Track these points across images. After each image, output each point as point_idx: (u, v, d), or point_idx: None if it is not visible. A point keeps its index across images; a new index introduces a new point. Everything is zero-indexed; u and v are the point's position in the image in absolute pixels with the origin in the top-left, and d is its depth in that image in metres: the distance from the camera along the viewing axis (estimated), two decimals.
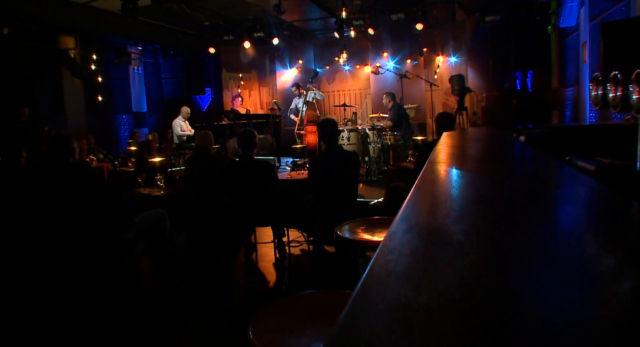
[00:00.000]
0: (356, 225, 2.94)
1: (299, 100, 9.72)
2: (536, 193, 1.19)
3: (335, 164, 4.55)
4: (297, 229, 5.81)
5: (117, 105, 13.02)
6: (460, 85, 7.55)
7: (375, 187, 7.30)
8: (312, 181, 4.66)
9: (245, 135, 4.63)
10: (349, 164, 4.60)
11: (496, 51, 11.96)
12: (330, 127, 4.61)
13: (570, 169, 1.57)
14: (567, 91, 9.66)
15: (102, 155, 10.57)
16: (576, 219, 0.91)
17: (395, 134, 7.56)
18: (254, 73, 13.30)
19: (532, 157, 2.10)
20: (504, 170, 1.71)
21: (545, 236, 0.79)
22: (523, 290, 0.55)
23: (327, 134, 4.62)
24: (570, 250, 0.70)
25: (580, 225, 0.87)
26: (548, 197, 1.14)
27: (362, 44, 12.65)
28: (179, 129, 9.93)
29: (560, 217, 0.95)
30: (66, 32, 11.30)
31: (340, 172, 4.56)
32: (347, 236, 2.70)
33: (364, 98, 12.36)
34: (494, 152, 2.43)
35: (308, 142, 9.05)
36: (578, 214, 0.96)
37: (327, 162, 4.56)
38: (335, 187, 4.60)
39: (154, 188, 5.02)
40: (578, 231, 0.82)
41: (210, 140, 5.54)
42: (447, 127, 4.60)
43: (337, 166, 4.55)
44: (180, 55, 13.69)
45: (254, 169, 4.59)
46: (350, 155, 4.70)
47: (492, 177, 1.48)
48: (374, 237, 2.68)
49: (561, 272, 0.60)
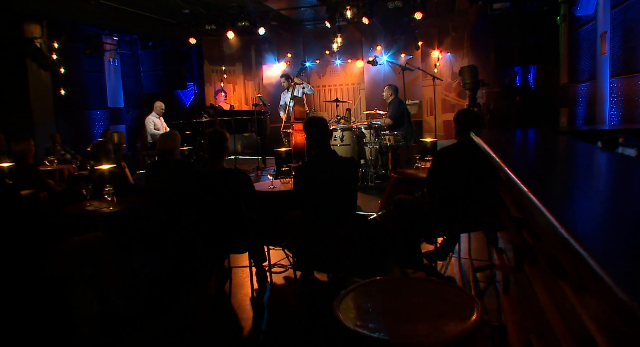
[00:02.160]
0: (364, 297, 1.91)
1: (287, 94, 8.65)
2: None
3: (326, 173, 3.50)
4: (281, 248, 4.77)
5: (91, 100, 11.86)
6: (473, 78, 6.54)
7: (373, 195, 6.27)
8: (298, 195, 3.60)
9: (213, 138, 3.55)
10: (345, 174, 3.55)
11: (498, 44, 10.97)
12: (319, 127, 3.55)
13: None
14: (580, 87, 8.69)
15: (69, 156, 9.43)
16: None
17: (395, 133, 6.52)
18: (238, 66, 12.16)
19: None
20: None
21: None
22: None
23: (315, 136, 3.56)
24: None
25: None
26: None
27: (355, 37, 11.58)
28: (152, 127, 8.81)
29: None
30: (31, 20, 10.10)
31: (333, 184, 3.51)
32: (357, 330, 1.66)
33: (357, 93, 11.30)
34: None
35: (295, 142, 7.99)
36: None
37: (317, 172, 3.51)
38: (327, 202, 3.55)
39: (102, 203, 3.95)
40: None
41: (174, 142, 4.47)
42: (473, 128, 3.58)
43: (329, 177, 3.50)
44: (159, 46, 12.53)
45: (224, 180, 3.52)
46: (346, 162, 3.63)
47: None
48: (401, 327, 1.65)
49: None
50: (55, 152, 9.07)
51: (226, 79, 11.91)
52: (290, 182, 4.52)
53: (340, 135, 6.76)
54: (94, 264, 3.41)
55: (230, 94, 12.00)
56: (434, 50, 10.80)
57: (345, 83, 11.59)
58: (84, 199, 4.02)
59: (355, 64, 11.64)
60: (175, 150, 4.54)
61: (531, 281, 1.95)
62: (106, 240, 3.44)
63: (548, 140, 2.77)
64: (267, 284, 4.05)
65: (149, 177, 4.47)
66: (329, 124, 8.62)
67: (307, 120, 3.60)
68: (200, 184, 3.50)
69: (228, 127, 8.49)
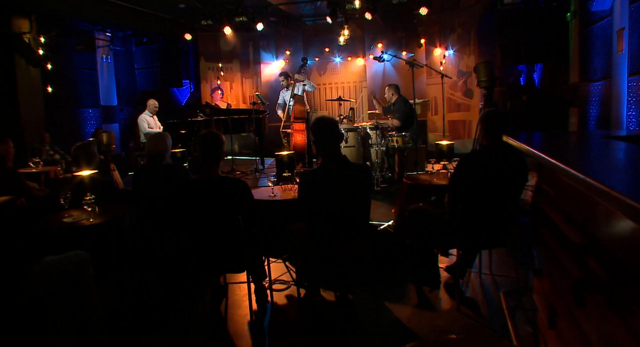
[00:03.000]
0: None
1: (287, 93, 8.17)
2: None
3: (336, 182, 3.04)
4: (282, 260, 4.32)
5: (83, 98, 11.36)
6: (489, 76, 6.07)
7: (380, 201, 5.82)
8: (303, 205, 3.14)
9: (208, 142, 3.07)
10: (358, 184, 3.08)
11: (504, 41, 10.53)
12: (328, 129, 3.08)
13: None
14: (593, 86, 8.25)
15: (58, 156, 8.95)
16: None
17: (403, 134, 6.05)
18: (235, 63, 11.66)
19: None
20: None
21: None
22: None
23: (324, 139, 3.10)
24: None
25: None
26: None
27: (355, 34, 11.10)
28: (146, 126, 8.33)
29: None
30: (20, 14, 9.58)
31: (344, 195, 3.05)
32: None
33: (359, 92, 10.82)
34: None
35: (295, 142, 7.53)
36: None
37: (326, 180, 3.05)
38: (337, 216, 3.09)
39: (82, 213, 3.47)
40: None
41: (164, 144, 4.00)
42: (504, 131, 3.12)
43: (339, 186, 3.04)
44: (154, 42, 12.04)
45: (220, 190, 3.04)
46: (359, 170, 3.15)
47: None
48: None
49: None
50: (43, 153, 8.59)
51: (223, 76, 11.41)
52: (293, 190, 4.06)
53: (345, 136, 6.30)
54: (73, 287, 2.94)
55: (227, 92, 11.51)
56: (436, 48, 10.34)
57: (346, 81, 11.12)
58: (62, 209, 3.55)
59: (356, 61, 11.18)
60: (166, 153, 4.06)
61: (605, 321, 1.53)
62: (86, 259, 2.97)
63: (610, 146, 2.32)
64: (267, 304, 3.59)
65: (137, 183, 3.99)
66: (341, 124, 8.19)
67: (315, 121, 3.13)
68: (192, 193, 3.03)
69: (225, 127, 8.02)
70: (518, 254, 3.90)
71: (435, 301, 3.56)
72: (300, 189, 3.10)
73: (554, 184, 2.27)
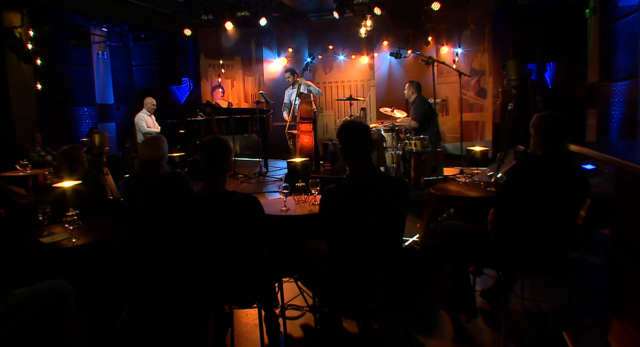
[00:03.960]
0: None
1: (292, 91, 7.62)
2: None
3: (368, 201, 2.51)
4: (293, 280, 3.79)
5: (78, 96, 10.77)
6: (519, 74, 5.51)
7: None
8: (325, 225, 2.62)
9: (214, 150, 2.53)
10: (392, 202, 2.55)
11: (518, 38, 10.02)
12: (358, 136, 2.55)
13: None
14: (615, 86, 7.74)
15: (50, 157, 8.38)
16: None
17: (422, 137, 5.52)
18: (237, 60, 11.08)
19: None
20: None
21: None
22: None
23: (353, 147, 2.57)
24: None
25: None
26: None
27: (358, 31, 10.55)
28: (145, 125, 7.78)
29: None
30: (10, 7, 9.00)
31: (375, 214, 2.53)
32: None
33: (367, 90, 10.27)
34: None
35: (302, 144, 7.00)
36: None
37: (355, 198, 2.51)
38: (365, 239, 2.57)
39: (63, 232, 2.93)
40: None
41: (160, 150, 3.45)
42: (566, 139, 2.60)
43: (371, 205, 2.51)
44: (152, 38, 11.45)
45: (227, 209, 2.50)
46: (394, 185, 2.61)
47: None
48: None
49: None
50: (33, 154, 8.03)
51: (224, 74, 10.85)
52: (308, 202, 3.52)
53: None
54: (49, 322, 2.42)
55: (228, 90, 10.95)
56: (444, 46, 9.80)
57: (353, 79, 10.56)
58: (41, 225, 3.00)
59: (360, 59, 10.62)
60: (162, 160, 3.52)
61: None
62: (65, 290, 2.45)
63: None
64: (280, 336, 3.06)
65: (128, 196, 3.45)
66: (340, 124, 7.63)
67: (343, 126, 2.60)
68: (195, 211, 2.49)
69: (227, 127, 7.48)
70: (564, 277, 3.38)
71: (476, 334, 3.04)
72: (322, 205, 2.57)
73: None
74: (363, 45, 10.58)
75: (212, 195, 2.52)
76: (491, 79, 8.77)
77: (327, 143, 8.09)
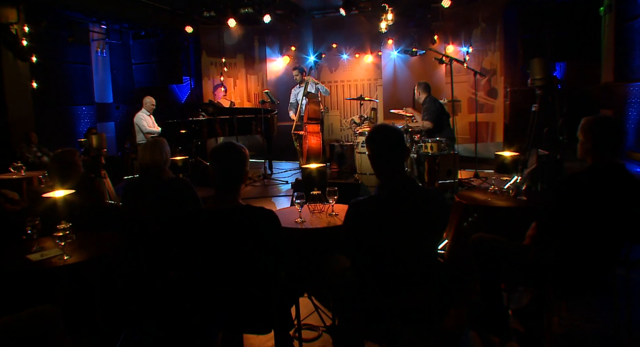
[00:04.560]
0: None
1: (299, 90, 7.29)
2: None
3: (402, 217, 2.19)
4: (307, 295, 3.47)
5: (76, 95, 10.47)
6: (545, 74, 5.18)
7: None
8: (351, 245, 2.30)
9: (226, 157, 2.20)
10: (430, 217, 2.23)
11: (528, 37, 9.73)
12: (392, 142, 2.23)
13: None
14: (632, 87, 7.45)
15: (47, 158, 8.04)
16: None
17: (438, 139, 5.20)
18: (240, 58, 10.74)
19: None
20: None
21: None
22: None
23: (386, 155, 2.25)
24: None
25: None
26: None
27: (363, 29, 10.24)
28: (146, 124, 7.45)
29: None
30: (6, 3, 8.66)
31: (409, 232, 2.21)
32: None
33: (374, 90, 9.94)
34: None
35: (309, 146, 6.67)
36: None
37: (386, 212, 2.19)
38: (396, 259, 2.25)
39: (54, 247, 2.60)
40: None
41: (161, 154, 3.12)
42: (621, 146, 2.29)
43: (406, 222, 2.19)
44: (153, 36, 11.13)
45: (241, 226, 2.18)
46: (432, 199, 2.29)
47: None
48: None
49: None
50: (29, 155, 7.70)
51: (226, 72, 10.51)
52: (324, 212, 3.20)
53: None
54: None
55: (230, 89, 10.61)
56: (449, 45, 9.47)
57: (359, 78, 10.22)
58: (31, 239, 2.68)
59: (364, 58, 10.28)
60: (165, 164, 3.19)
61: None
62: (54, 317, 2.13)
63: None
64: None
65: (127, 204, 3.12)
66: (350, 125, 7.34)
67: (374, 131, 2.28)
68: (205, 228, 2.17)
69: (230, 128, 7.15)
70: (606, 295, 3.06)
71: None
72: (350, 221, 2.25)
73: None
74: (368, 43, 10.25)
75: (223, 209, 2.19)
76: (502, 78, 8.45)
77: (334, 144, 7.78)
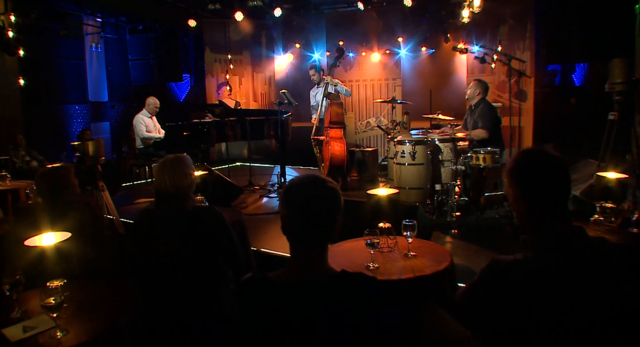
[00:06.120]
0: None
1: (318, 91, 6.50)
2: None
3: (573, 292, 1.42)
4: None
5: (68, 93, 9.58)
6: (627, 78, 4.43)
7: (456, 238, 4.25)
8: (482, 319, 1.54)
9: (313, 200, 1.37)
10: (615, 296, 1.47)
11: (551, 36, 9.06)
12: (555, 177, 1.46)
13: None
14: None
15: (36, 163, 7.20)
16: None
17: (492, 150, 4.45)
18: (246, 55, 9.88)
19: None
20: None
21: None
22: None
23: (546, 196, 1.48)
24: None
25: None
26: None
27: (372, 26, 9.48)
28: (144, 129, 6.62)
29: None
30: None
31: (585, 316, 1.44)
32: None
33: (392, 90, 9.16)
34: None
35: (332, 153, 5.90)
36: None
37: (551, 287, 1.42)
38: None
39: (39, 317, 1.80)
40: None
41: (186, 178, 2.29)
42: None
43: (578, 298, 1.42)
44: (151, 31, 10.22)
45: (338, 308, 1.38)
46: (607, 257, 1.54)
47: None
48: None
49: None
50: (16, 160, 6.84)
51: (232, 70, 9.66)
52: (397, 250, 2.43)
53: (411, 150, 4.70)
54: None
55: (235, 88, 9.77)
56: (459, 45, 8.74)
57: (377, 78, 9.43)
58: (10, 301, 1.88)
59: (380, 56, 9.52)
60: (190, 190, 2.38)
61: None
62: None
63: None
64: None
65: (137, 243, 2.29)
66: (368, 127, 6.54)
67: (524, 160, 1.54)
68: (272, 305, 1.38)
69: (242, 131, 6.34)
70: None
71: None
72: (484, 288, 1.49)
73: None
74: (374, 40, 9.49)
75: (304, 280, 1.40)
76: (533, 79, 7.75)
77: (354, 149, 7.01)
